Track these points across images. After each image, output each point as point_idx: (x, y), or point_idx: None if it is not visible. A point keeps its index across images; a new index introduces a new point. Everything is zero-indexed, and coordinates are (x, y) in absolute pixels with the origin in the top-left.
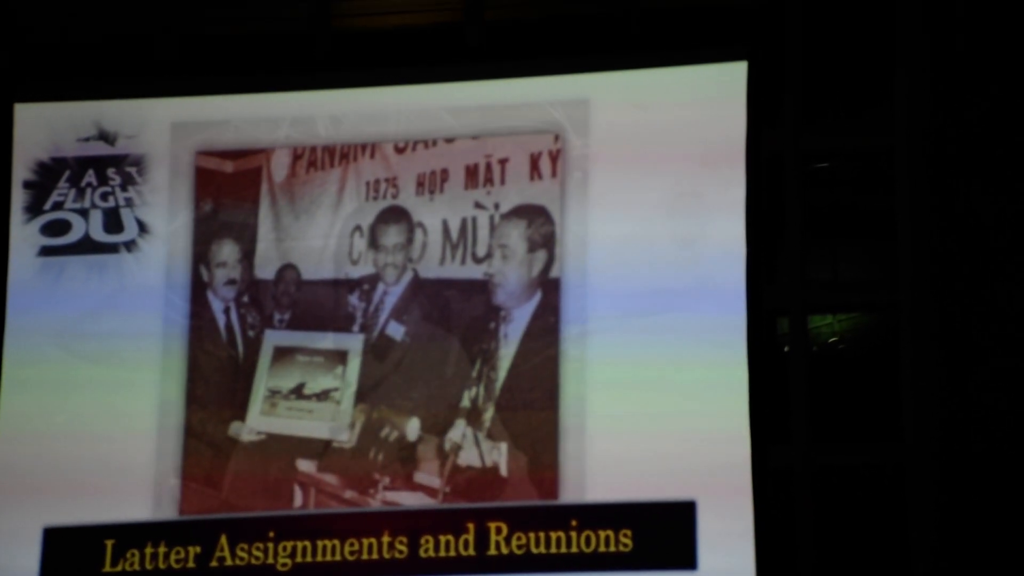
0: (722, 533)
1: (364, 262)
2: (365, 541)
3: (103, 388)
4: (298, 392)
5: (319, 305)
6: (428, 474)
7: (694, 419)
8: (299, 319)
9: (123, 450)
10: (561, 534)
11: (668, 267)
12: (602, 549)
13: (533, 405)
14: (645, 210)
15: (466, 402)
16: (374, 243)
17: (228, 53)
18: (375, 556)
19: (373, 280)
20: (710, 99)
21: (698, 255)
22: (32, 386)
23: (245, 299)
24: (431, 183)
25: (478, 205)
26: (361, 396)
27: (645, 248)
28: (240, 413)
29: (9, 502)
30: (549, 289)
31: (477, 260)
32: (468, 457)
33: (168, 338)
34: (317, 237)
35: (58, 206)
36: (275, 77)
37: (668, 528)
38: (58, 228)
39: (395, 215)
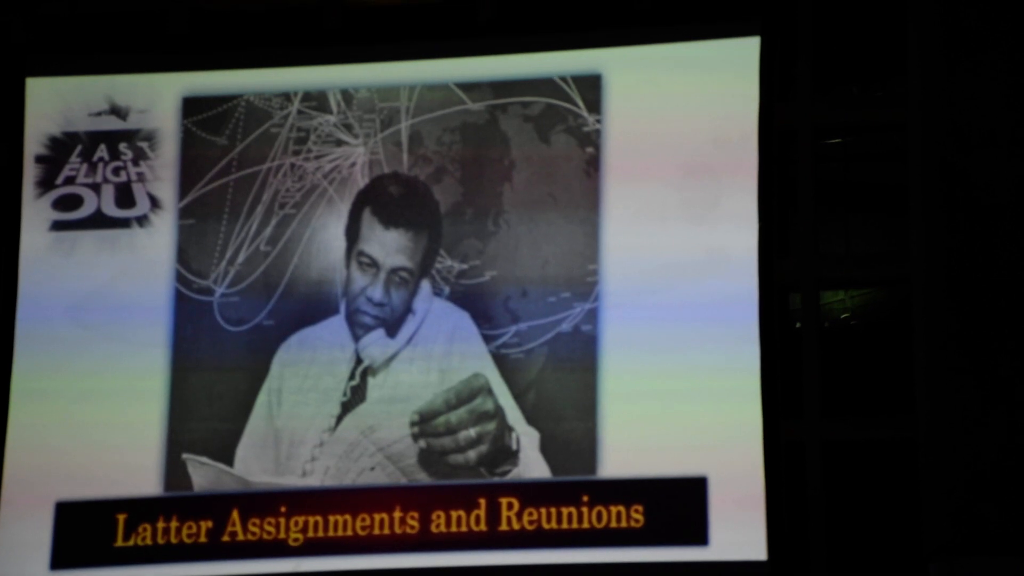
0: (733, 508)
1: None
2: (376, 516)
3: (114, 361)
4: None
5: None
6: None
7: (706, 394)
8: None
9: (134, 423)
10: (572, 509)
11: (680, 242)
12: (613, 524)
13: None
14: (657, 186)
15: None
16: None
17: (239, 28)
18: (386, 531)
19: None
20: (723, 74)
21: (710, 230)
22: (44, 360)
23: None
24: None
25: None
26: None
27: (657, 224)
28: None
29: (23, 472)
30: None
31: None
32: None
33: (178, 312)
34: None
35: (70, 181)
36: (286, 52)
37: (679, 503)
38: (70, 203)
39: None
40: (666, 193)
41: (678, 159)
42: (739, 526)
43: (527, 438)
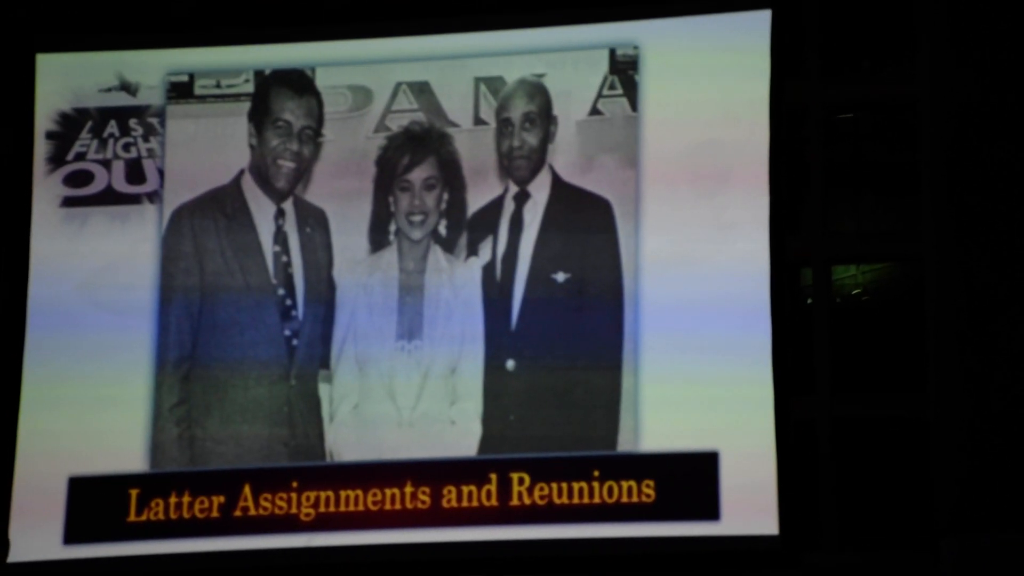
0: (745, 484)
1: None
2: (388, 491)
3: (124, 339)
4: None
5: None
6: None
7: (717, 370)
8: None
9: (142, 402)
10: (583, 484)
11: (690, 218)
12: (625, 500)
13: None
14: (666, 161)
15: None
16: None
17: (248, 2)
18: (398, 506)
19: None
20: (734, 48)
21: (720, 206)
22: (55, 336)
23: None
24: None
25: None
26: None
27: (666, 199)
28: None
29: (36, 448)
30: None
31: None
32: None
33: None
34: None
35: (80, 157)
36: (299, 27)
37: (691, 479)
38: (81, 179)
39: None
40: (676, 169)
41: (688, 135)
42: (750, 501)
43: None
